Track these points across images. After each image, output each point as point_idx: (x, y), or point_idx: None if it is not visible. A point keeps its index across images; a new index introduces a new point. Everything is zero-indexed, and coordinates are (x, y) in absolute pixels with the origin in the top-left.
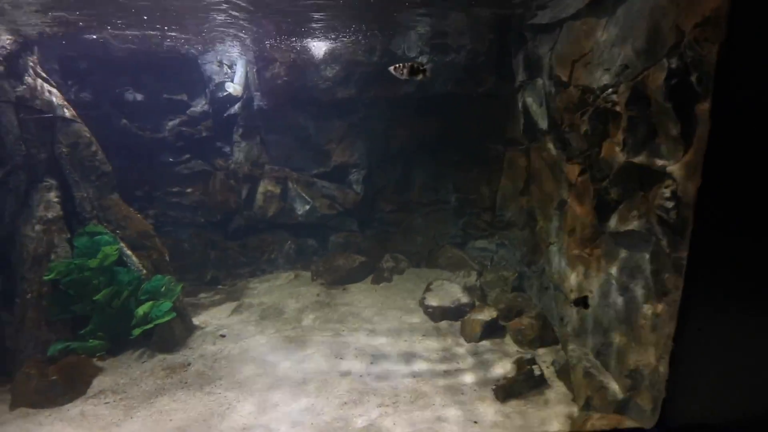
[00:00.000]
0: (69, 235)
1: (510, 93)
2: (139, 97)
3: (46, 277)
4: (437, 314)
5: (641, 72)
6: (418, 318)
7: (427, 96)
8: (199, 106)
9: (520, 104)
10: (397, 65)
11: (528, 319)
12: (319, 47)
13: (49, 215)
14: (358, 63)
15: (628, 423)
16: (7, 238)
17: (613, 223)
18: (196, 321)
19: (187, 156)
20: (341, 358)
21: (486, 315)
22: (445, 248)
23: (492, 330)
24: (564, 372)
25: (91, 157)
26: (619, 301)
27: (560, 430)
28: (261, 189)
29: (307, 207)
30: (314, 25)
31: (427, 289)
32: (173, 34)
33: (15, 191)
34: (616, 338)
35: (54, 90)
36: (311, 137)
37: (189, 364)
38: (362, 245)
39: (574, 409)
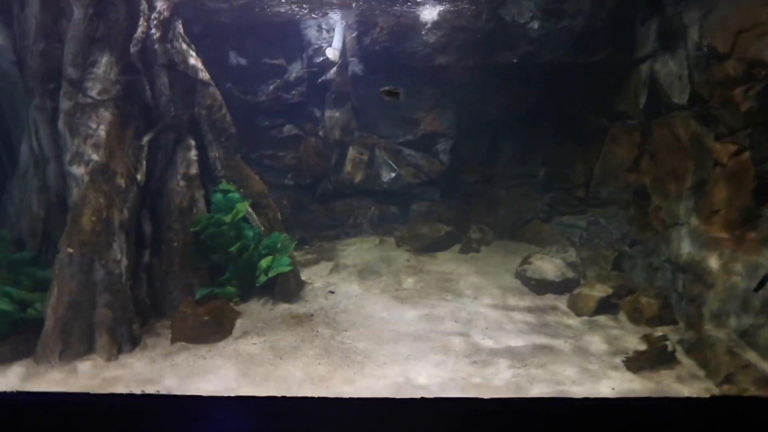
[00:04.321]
0: (204, 191)
1: (625, 63)
2: (243, 61)
3: (192, 229)
4: (541, 287)
5: None
6: (519, 289)
7: (532, 65)
8: (296, 71)
9: (644, 76)
10: (384, 88)
11: (646, 297)
12: (422, 12)
13: (191, 172)
14: (461, 29)
15: None
16: (156, 191)
17: None
18: (302, 277)
19: (282, 120)
20: (456, 321)
21: (599, 291)
22: (534, 222)
23: (605, 306)
24: (695, 350)
25: (221, 119)
26: None
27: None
28: (350, 155)
29: (393, 175)
30: None
31: (525, 262)
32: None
33: (164, 149)
34: None
35: (194, 54)
36: (401, 105)
37: (312, 315)
38: (444, 215)
39: (710, 385)
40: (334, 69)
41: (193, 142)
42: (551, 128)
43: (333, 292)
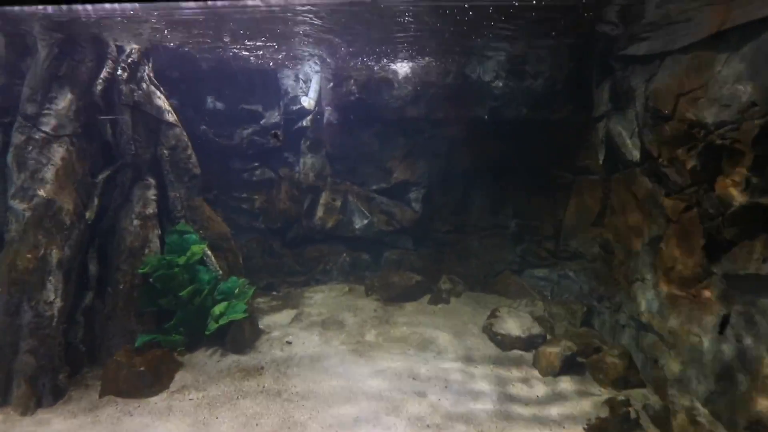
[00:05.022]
0: (160, 231)
1: (585, 121)
2: (219, 105)
3: (141, 270)
4: (506, 342)
5: None
6: (484, 344)
7: (498, 120)
8: (272, 117)
9: (601, 134)
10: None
11: (611, 357)
12: (394, 67)
13: (147, 211)
14: (430, 84)
15: None
16: (108, 230)
17: (726, 264)
18: (260, 325)
19: (256, 164)
20: (414, 378)
21: (563, 348)
22: (504, 274)
23: (570, 365)
24: (660, 418)
25: (186, 159)
26: (734, 347)
27: None
28: (322, 200)
29: (365, 221)
30: (393, 47)
31: (493, 315)
32: (260, 51)
33: (120, 187)
34: (731, 386)
35: (162, 96)
36: (375, 153)
37: (262, 368)
38: (416, 264)
39: None
40: (310, 117)
41: (153, 182)
42: (521, 181)
43: (290, 343)
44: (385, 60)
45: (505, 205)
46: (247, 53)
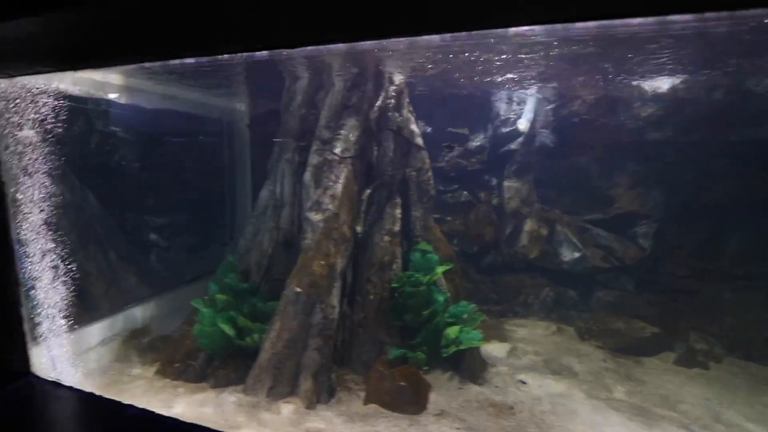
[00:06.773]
0: (400, 249)
1: None
2: (429, 129)
3: (394, 284)
4: None
5: None
6: None
7: None
8: (478, 140)
9: None
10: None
11: None
12: (636, 84)
13: (395, 228)
14: (687, 102)
15: None
16: (362, 244)
17: None
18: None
19: (456, 186)
20: None
21: None
22: None
23: None
24: None
25: (426, 181)
26: None
27: None
28: (527, 228)
29: (576, 255)
30: (641, 61)
31: None
32: (479, 76)
33: (377, 204)
34: None
35: (415, 121)
36: (591, 180)
37: (512, 408)
38: (640, 311)
39: None
40: (520, 140)
41: (400, 201)
42: None
43: (525, 383)
44: (623, 76)
45: None
46: (462, 79)
